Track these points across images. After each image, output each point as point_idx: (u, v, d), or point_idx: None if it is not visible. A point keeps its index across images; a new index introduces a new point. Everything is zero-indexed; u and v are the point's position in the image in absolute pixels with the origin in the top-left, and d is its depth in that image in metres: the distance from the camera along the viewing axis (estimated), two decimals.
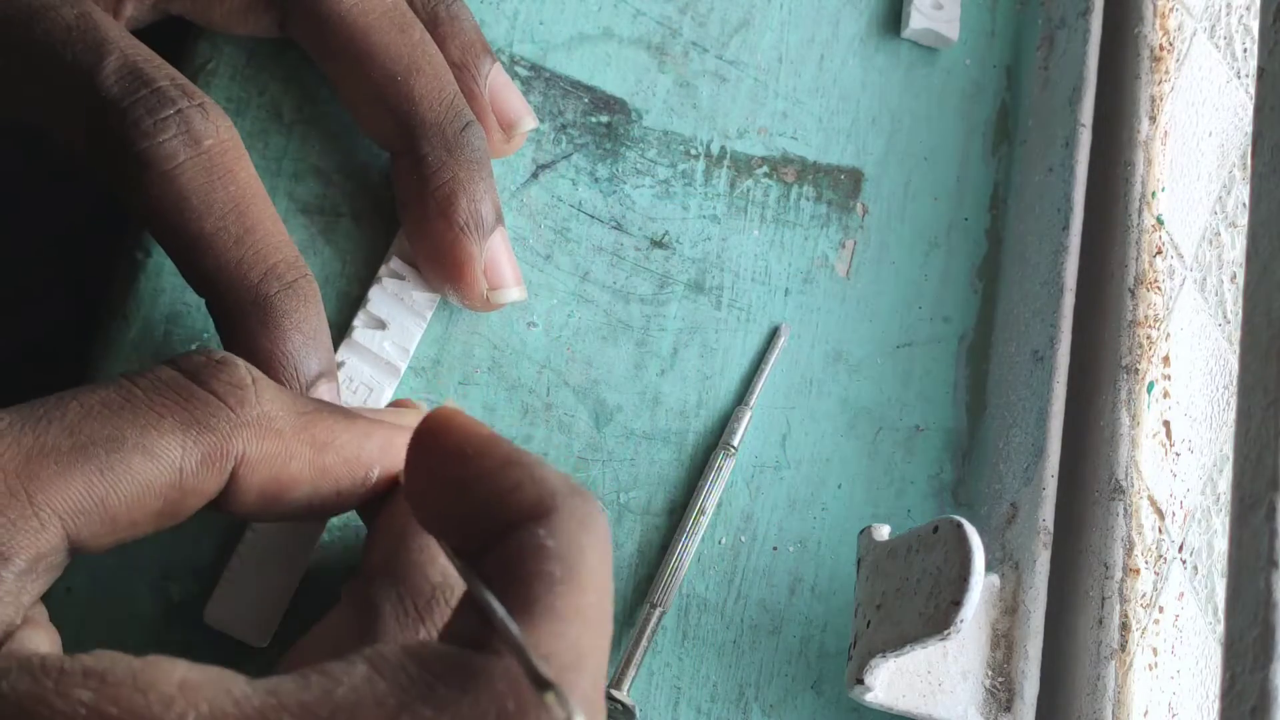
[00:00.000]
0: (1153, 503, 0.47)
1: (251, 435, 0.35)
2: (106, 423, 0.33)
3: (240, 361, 0.36)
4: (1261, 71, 0.44)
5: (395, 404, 0.41)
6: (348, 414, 0.38)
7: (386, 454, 0.38)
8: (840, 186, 0.53)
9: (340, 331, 0.46)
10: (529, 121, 0.48)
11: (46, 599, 0.35)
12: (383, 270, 0.46)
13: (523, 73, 0.51)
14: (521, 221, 0.49)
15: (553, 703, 0.28)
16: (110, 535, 0.34)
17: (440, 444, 0.34)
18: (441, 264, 0.45)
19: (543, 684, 0.28)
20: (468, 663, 0.29)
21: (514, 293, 0.46)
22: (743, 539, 0.48)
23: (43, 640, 0.33)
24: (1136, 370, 0.49)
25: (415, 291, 0.46)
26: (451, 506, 0.33)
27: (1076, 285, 0.50)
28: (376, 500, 0.38)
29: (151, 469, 0.34)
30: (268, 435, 0.36)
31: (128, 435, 0.33)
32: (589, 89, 0.52)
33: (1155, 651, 0.46)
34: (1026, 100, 0.56)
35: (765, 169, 0.53)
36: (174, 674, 0.28)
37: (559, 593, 0.30)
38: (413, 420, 0.36)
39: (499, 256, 0.46)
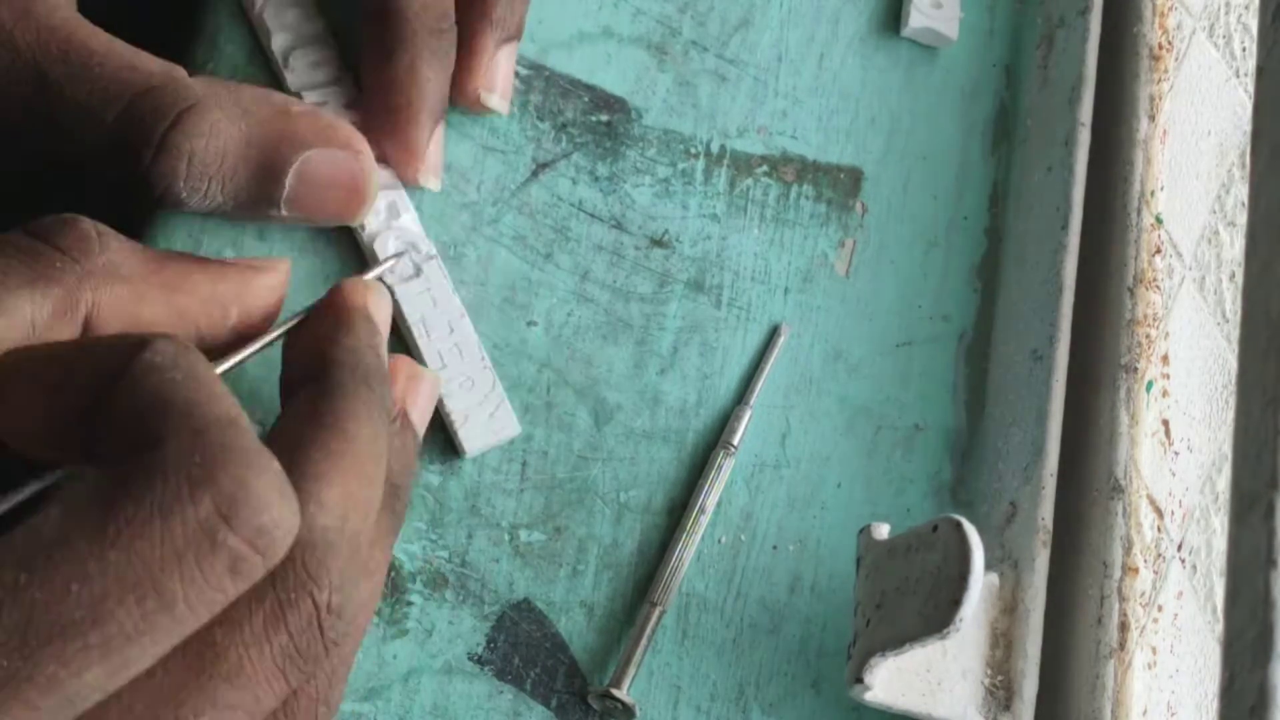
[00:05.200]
0: (1151, 501, 0.48)
1: (99, 282, 0.36)
2: None
3: (84, 219, 0.37)
4: (1260, 70, 0.44)
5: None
6: (200, 259, 0.39)
7: (243, 293, 0.39)
8: (840, 185, 0.53)
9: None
10: (499, 104, 0.49)
11: None
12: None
13: (522, 71, 0.51)
14: (521, 220, 0.49)
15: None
16: None
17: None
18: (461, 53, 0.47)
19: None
20: (143, 461, 0.29)
21: (500, 102, 0.49)
22: (742, 538, 0.48)
23: None
24: (1135, 369, 0.49)
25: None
26: None
27: (1075, 284, 0.50)
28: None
29: (4, 325, 0.34)
30: (115, 281, 0.36)
31: None
32: (589, 88, 0.52)
33: (1154, 650, 0.46)
34: (1026, 99, 0.56)
35: (765, 168, 0.53)
36: None
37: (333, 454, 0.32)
38: (269, 265, 0.39)
39: (507, 66, 0.48)
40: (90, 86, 0.40)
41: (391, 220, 0.47)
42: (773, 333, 0.50)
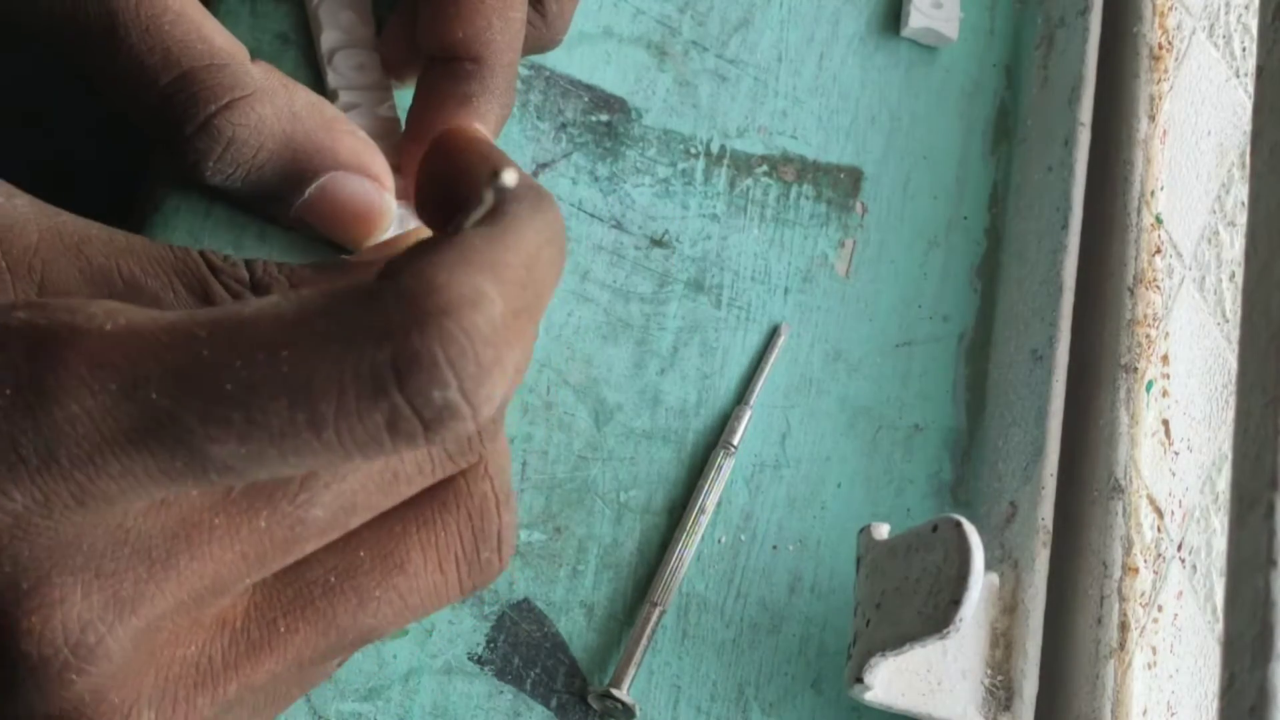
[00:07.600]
0: (1151, 501, 0.48)
1: None
2: None
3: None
4: (1260, 70, 0.44)
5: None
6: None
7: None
8: (840, 185, 0.53)
9: None
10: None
11: None
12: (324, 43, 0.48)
13: (523, 71, 0.51)
14: None
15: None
16: None
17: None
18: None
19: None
20: (370, 287, 0.30)
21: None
22: (742, 538, 0.48)
23: None
24: (1135, 369, 0.49)
25: (361, 52, 0.48)
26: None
27: (1075, 284, 0.50)
28: None
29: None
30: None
31: None
32: (589, 88, 0.52)
33: (1154, 650, 0.46)
34: (1026, 99, 0.56)
35: (765, 168, 0.53)
36: (106, 303, 0.30)
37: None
38: None
39: None
40: (153, 44, 0.40)
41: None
42: (773, 333, 0.50)
